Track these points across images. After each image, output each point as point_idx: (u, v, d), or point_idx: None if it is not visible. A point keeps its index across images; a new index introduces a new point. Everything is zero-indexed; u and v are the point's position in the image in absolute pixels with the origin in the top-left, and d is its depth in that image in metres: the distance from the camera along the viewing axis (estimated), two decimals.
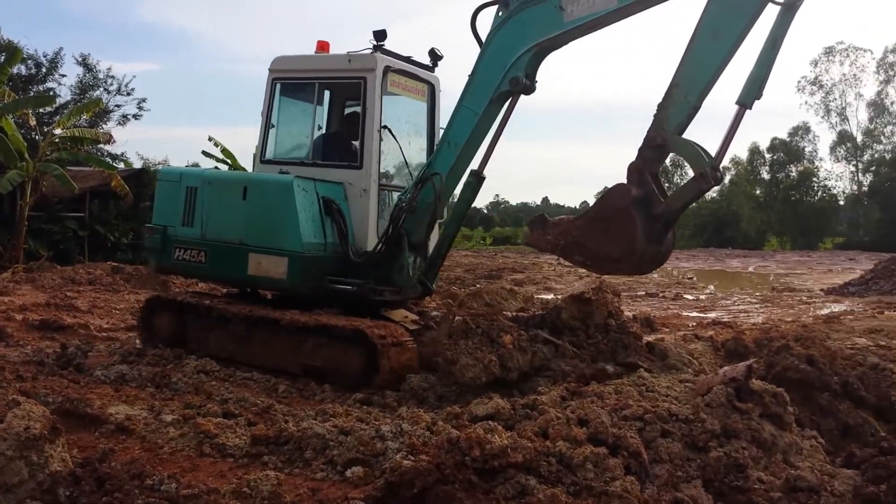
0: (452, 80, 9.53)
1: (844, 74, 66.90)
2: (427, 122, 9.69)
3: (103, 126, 36.33)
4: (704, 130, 7.49)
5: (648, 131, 6.81)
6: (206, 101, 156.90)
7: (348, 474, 4.88)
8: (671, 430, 5.28)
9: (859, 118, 67.35)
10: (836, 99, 67.48)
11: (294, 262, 8.17)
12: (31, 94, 31.84)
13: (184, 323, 8.90)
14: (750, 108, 6.65)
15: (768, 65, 6.59)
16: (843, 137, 66.78)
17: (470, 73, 8.10)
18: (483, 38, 8.03)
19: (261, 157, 9.32)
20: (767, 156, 67.95)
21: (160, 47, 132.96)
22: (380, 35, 8.68)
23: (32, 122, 24.59)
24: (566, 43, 7.74)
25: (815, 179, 65.59)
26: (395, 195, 8.95)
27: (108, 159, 31.70)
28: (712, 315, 16.56)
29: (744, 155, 68.42)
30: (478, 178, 8.40)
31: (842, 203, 67.57)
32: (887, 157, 63.28)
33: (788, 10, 6.50)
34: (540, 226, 7.22)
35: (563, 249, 7.04)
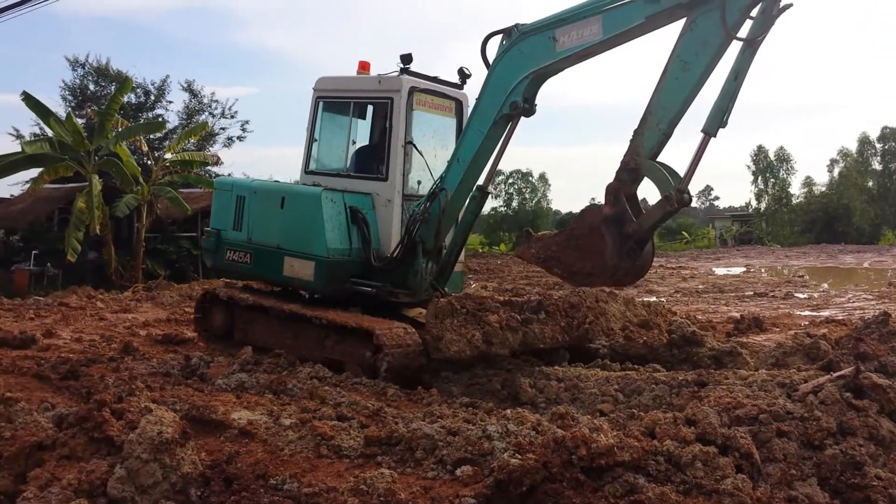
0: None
1: None
2: (457, 136, 10.09)
3: (210, 148, 37.62)
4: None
5: (624, 156, 7.32)
6: (304, 121, 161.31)
7: (458, 473, 5.01)
8: (787, 430, 5.19)
9: None
10: None
11: (319, 266, 9.18)
12: (142, 120, 33.00)
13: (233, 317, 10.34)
14: (714, 137, 7.07)
15: (731, 97, 7.00)
16: None
17: (477, 96, 8.77)
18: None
19: (305, 169, 10.35)
20: (878, 146, 64.35)
21: (258, 71, 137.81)
22: (406, 59, 9.61)
23: (144, 148, 25.81)
24: (560, 70, 8.28)
25: None
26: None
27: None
28: (826, 313, 15.93)
29: (853, 146, 64.88)
30: (482, 193, 9.08)
31: None
32: None
33: (750, 45, 6.95)
34: (525, 240, 8.15)
35: (544, 262, 7.81)
